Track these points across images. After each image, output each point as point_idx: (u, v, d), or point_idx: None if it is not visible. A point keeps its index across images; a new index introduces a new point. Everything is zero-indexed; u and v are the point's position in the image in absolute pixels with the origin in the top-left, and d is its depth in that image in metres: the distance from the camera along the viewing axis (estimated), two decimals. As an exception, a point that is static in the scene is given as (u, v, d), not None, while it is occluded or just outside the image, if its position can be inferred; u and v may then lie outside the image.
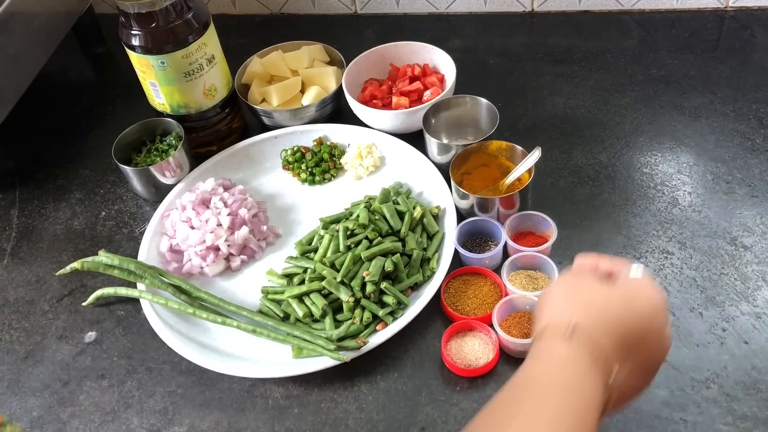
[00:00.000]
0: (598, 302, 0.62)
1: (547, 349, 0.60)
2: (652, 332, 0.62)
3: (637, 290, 0.64)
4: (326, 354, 0.86)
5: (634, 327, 0.61)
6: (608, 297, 0.63)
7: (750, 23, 1.28)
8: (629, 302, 0.62)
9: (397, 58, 1.22)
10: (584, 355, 0.58)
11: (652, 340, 0.62)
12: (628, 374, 0.61)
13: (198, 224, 1.03)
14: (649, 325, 0.62)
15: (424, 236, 0.99)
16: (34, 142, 1.29)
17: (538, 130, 1.15)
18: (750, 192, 1.01)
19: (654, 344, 0.63)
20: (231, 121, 1.18)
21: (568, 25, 1.34)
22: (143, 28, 1.03)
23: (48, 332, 0.99)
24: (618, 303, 0.62)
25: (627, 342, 0.60)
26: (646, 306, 0.63)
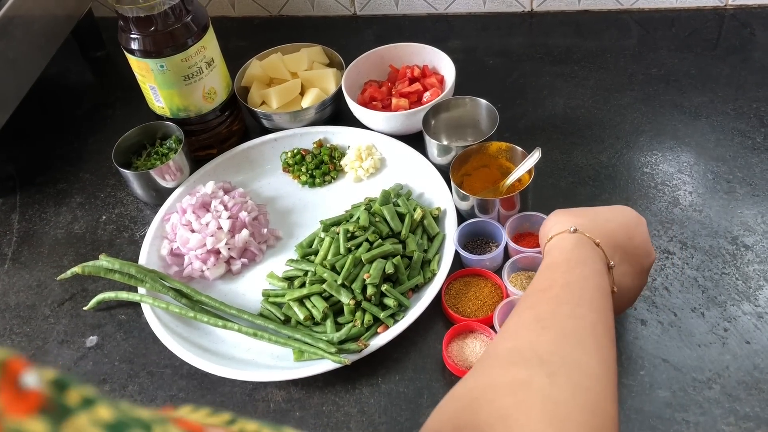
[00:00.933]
0: (588, 213, 0.77)
1: (558, 243, 0.73)
2: (637, 236, 0.76)
3: (618, 207, 0.80)
4: (327, 357, 0.86)
5: (621, 229, 0.75)
6: (595, 210, 0.79)
7: (750, 21, 1.27)
8: (613, 212, 0.78)
9: (396, 60, 1.22)
10: (587, 242, 0.72)
11: (638, 244, 0.76)
12: (623, 272, 0.74)
13: (198, 227, 1.03)
14: (634, 230, 0.76)
15: (424, 238, 0.99)
16: (34, 146, 1.30)
17: (538, 131, 1.15)
18: (751, 191, 1.01)
19: (641, 249, 0.76)
20: (231, 124, 1.18)
21: (567, 24, 1.34)
22: (142, 32, 1.03)
23: (49, 337, 0.99)
24: (605, 212, 0.78)
25: (617, 241, 0.74)
26: (628, 216, 0.78)
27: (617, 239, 0.74)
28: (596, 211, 0.78)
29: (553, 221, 0.77)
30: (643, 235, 0.77)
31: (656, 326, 0.88)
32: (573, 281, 0.67)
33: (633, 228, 0.76)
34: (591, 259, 0.70)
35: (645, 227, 0.78)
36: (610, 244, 0.73)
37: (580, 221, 0.74)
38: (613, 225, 0.75)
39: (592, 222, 0.74)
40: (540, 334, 0.61)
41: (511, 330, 0.65)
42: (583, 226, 0.73)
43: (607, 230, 0.74)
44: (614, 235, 0.74)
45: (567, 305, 0.64)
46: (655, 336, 0.87)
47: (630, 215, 0.78)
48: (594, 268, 0.70)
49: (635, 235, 0.76)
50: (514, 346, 0.61)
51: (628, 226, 0.76)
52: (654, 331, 0.87)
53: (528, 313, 0.65)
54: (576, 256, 0.70)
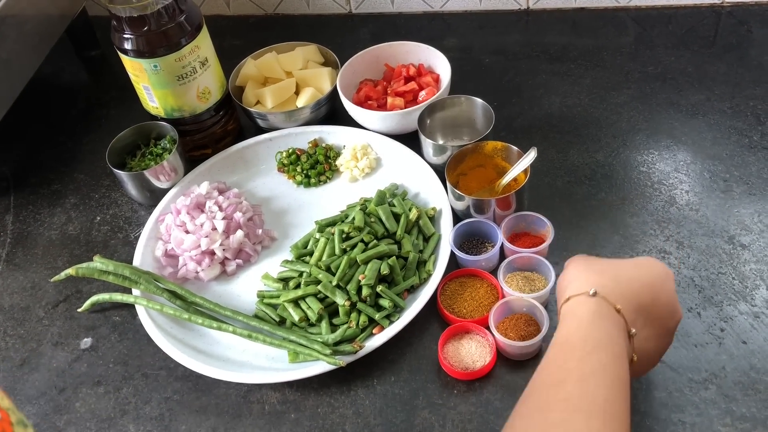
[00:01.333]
0: (610, 270, 0.70)
1: (575, 311, 0.66)
2: (662, 296, 0.70)
3: (645, 260, 0.73)
4: (322, 359, 0.86)
5: (645, 290, 0.69)
6: (619, 265, 0.71)
7: (747, 19, 1.27)
8: (638, 269, 0.71)
9: (392, 58, 1.21)
10: (608, 310, 0.65)
11: (663, 305, 0.70)
12: (646, 337, 0.69)
13: (193, 228, 1.02)
14: (660, 288, 0.70)
15: (420, 238, 0.98)
16: (28, 147, 1.29)
17: (534, 130, 1.14)
18: (747, 190, 1.00)
19: (666, 309, 0.70)
20: (225, 123, 1.18)
21: (563, 22, 1.34)
22: (135, 31, 1.02)
23: (43, 339, 0.99)
24: (628, 269, 0.71)
25: (640, 303, 0.68)
26: (654, 272, 0.71)
27: (641, 301, 0.68)
28: (620, 267, 0.71)
29: (572, 275, 0.70)
30: (669, 293, 0.71)
31: (652, 326, 0.87)
32: (588, 375, 0.61)
33: (659, 287, 0.70)
34: (609, 337, 0.64)
35: (672, 283, 0.71)
36: (633, 308, 0.67)
37: (602, 281, 0.68)
38: (637, 285, 0.69)
39: (614, 282, 0.68)
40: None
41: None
42: (604, 288, 0.67)
43: (630, 292, 0.68)
44: (638, 297, 0.68)
45: (580, 415, 0.58)
46: (651, 336, 0.86)
47: (657, 271, 0.71)
48: (613, 351, 0.63)
49: (661, 294, 0.70)
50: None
51: (653, 285, 0.70)
52: (650, 332, 0.87)
53: (536, 419, 0.60)
54: (594, 335, 0.64)
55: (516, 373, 0.86)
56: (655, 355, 0.73)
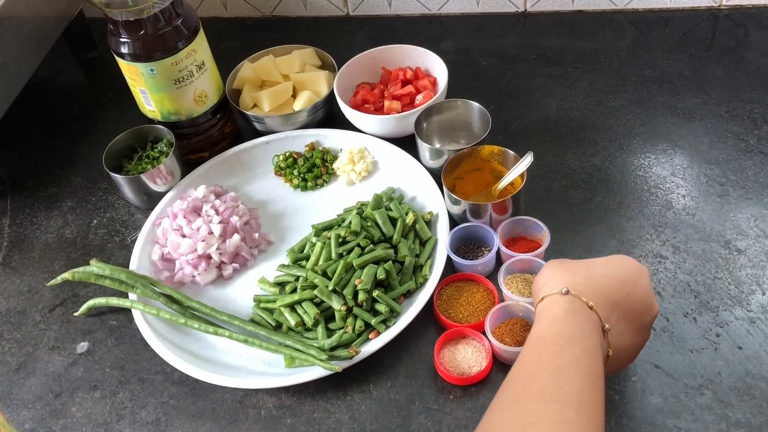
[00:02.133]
0: (582, 269, 0.72)
1: (548, 309, 0.68)
2: (636, 291, 0.71)
3: (617, 257, 0.74)
4: (318, 364, 0.86)
5: (618, 285, 0.70)
6: (591, 264, 0.73)
7: (744, 22, 1.27)
8: (611, 266, 0.73)
9: (389, 62, 1.21)
10: (580, 307, 0.67)
11: (638, 300, 0.71)
12: (622, 332, 0.70)
13: (189, 232, 1.02)
14: (633, 284, 0.71)
15: (416, 243, 0.98)
16: (25, 149, 1.29)
17: (531, 133, 1.14)
18: (744, 194, 1.01)
19: (641, 304, 0.71)
20: (222, 127, 1.18)
21: (561, 25, 1.34)
22: (132, 35, 1.02)
23: (40, 343, 0.99)
24: (600, 267, 0.72)
25: (614, 299, 0.69)
26: (627, 268, 0.72)
27: (614, 297, 0.70)
28: (592, 266, 0.73)
29: (547, 276, 0.72)
30: (643, 288, 0.72)
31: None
32: (562, 367, 0.63)
33: (632, 282, 0.71)
34: (583, 332, 0.65)
35: (646, 278, 0.73)
36: (606, 304, 0.69)
37: (574, 279, 0.70)
38: (609, 281, 0.71)
39: (586, 279, 0.70)
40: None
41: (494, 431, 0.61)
42: (576, 286, 0.69)
43: (603, 288, 0.69)
44: (611, 293, 0.70)
45: (554, 404, 0.60)
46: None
47: (629, 267, 0.73)
48: (586, 346, 0.64)
49: (635, 289, 0.71)
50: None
51: (625, 281, 0.71)
52: (646, 337, 0.87)
53: (512, 409, 0.62)
54: (567, 331, 0.65)
55: (512, 378, 0.86)
56: (632, 349, 0.73)
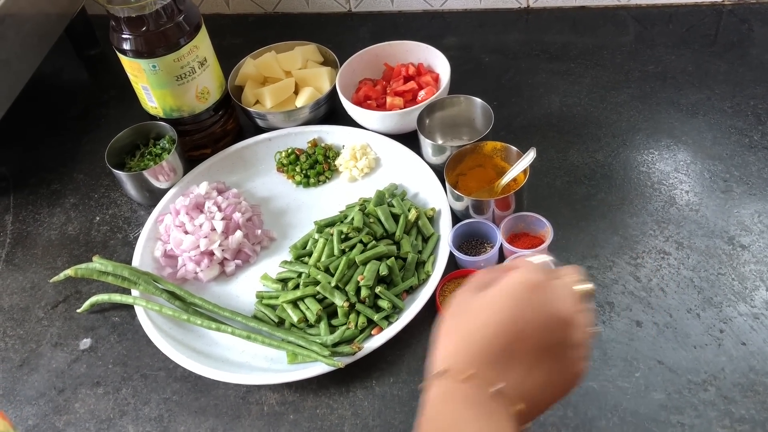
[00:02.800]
0: (462, 326, 0.58)
1: (429, 393, 0.56)
2: (530, 321, 0.56)
3: (506, 286, 0.57)
4: (321, 360, 0.86)
5: (505, 327, 0.56)
6: (474, 312, 0.58)
7: (748, 17, 1.26)
8: (490, 310, 0.57)
9: (391, 58, 1.21)
10: (454, 387, 0.55)
11: (535, 329, 0.56)
12: (530, 370, 0.56)
13: (192, 229, 1.02)
14: (522, 315, 0.56)
15: (419, 239, 0.98)
16: (27, 147, 1.29)
17: (533, 129, 1.14)
18: (747, 190, 1.00)
19: (540, 331, 0.56)
20: (224, 123, 1.18)
21: (563, 21, 1.33)
22: (134, 32, 1.02)
23: (43, 339, 0.99)
24: (482, 315, 0.57)
25: (502, 346, 0.55)
26: (511, 302, 0.56)
27: (502, 343, 0.55)
28: (472, 318, 0.57)
29: (438, 342, 0.59)
30: (538, 313, 0.56)
31: (651, 327, 0.87)
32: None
33: (519, 313, 0.56)
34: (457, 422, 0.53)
35: (541, 295, 0.56)
36: (492, 359, 0.55)
37: (453, 347, 0.57)
38: (492, 329, 0.56)
39: (464, 342, 0.56)
40: None
41: None
42: (457, 356, 0.56)
43: (483, 344, 0.56)
44: (497, 343, 0.55)
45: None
46: (650, 337, 0.86)
47: (514, 297, 0.56)
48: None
49: (524, 320, 0.56)
50: None
51: (511, 318, 0.56)
52: (649, 333, 0.87)
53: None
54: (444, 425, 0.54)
55: (515, 374, 0.85)
56: (560, 379, 0.58)
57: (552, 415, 0.81)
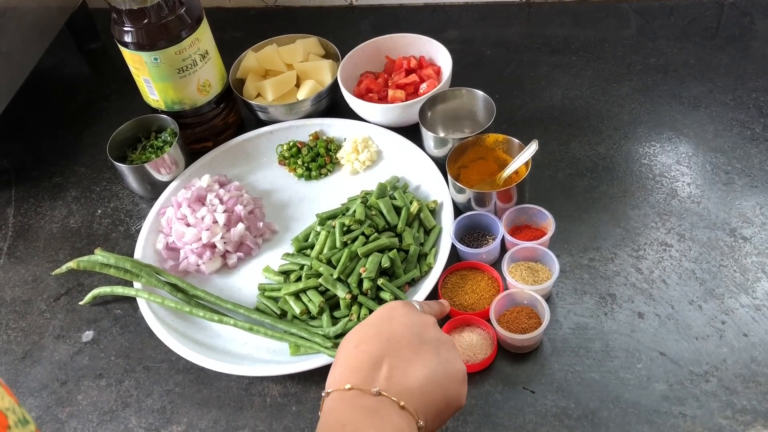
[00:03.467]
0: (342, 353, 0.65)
1: (321, 415, 0.61)
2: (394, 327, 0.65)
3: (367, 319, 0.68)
4: (323, 351, 0.86)
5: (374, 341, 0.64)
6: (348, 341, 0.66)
7: (750, 10, 1.26)
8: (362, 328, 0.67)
9: (392, 51, 1.21)
10: (340, 398, 0.61)
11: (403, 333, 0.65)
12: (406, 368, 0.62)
13: (194, 221, 1.02)
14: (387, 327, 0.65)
15: (421, 231, 0.98)
16: (29, 140, 1.29)
17: (535, 122, 1.14)
18: (749, 182, 1.00)
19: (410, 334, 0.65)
20: (226, 116, 1.18)
21: (565, 14, 1.33)
22: (135, 24, 1.02)
23: (45, 332, 0.99)
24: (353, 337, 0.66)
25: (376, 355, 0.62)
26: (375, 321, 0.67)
27: (374, 354, 0.62)
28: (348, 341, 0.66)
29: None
30: (398, 321, 0.66)
31: (653, 319, 0.87)
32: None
33: (385, 325, 0.65)
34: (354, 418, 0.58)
35: (399, 309, 0.68)
36: (368, 370, 0.61)
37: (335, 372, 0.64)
38: (364, 347, 0.64)
39: (343, 364, 0.64)
40: None
41: None
42: (338, 378, 0.62)
43: (359, 359, 0.62)
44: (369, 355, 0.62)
45: None
46: (652, 329, 0.86)
47: (378, 315, 0.67)
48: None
49: (389, 329, 0.65)
50: None
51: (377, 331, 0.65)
52: (651, 324, 0.87)
53: None
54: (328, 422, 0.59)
55: (517, 365, 0.86)
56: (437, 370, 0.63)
57: (554, 407, 0.81)
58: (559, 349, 0.86)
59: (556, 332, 0.88)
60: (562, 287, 0.92)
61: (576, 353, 0.86)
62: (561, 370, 0.85)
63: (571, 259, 0.95)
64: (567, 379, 0.84)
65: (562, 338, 0.87)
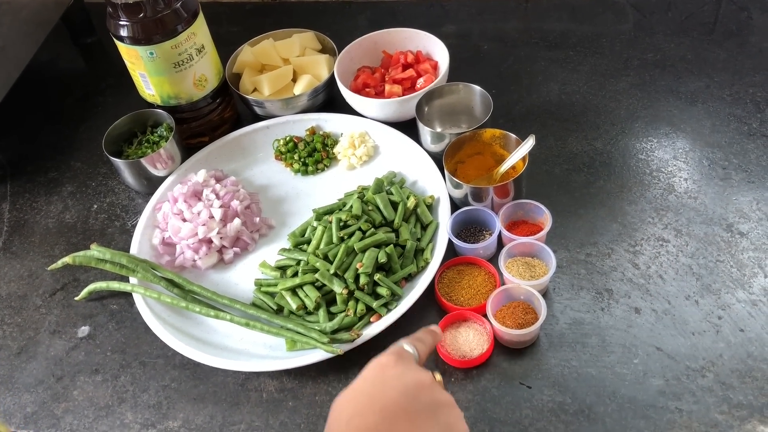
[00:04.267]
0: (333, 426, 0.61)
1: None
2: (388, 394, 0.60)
3: (357, 382, 0.63)
4: (320, 347, 0.86)
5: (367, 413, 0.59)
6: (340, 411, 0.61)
7: (747, 5, 1.26)
8: (354, 397, 0.62)
9: (389, 45, 1.21)
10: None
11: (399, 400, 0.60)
12: None
13: (190, 216, 1.02)
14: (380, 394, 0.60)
15: (417, 226, 0.98)
16: (24, 135, 1.28)
17: (532, 117, 1.14)
18: (746, 177, 1.00)
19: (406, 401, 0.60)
20: (222, 111, 1.17)
21: (562, 9, 1.33)
22: (131, 18, 1.01)
23: (41, 327, 0.99)
24: (346, 408, 0.61)
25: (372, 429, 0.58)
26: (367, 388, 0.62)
27: (370, 428, 0.58)
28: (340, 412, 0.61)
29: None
30: (392, 385, 0.61)
31: (650, 314, 0.87)
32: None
33: (378, 392, 0.61)
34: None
35: (391, 369, 0.62)
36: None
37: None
38: (357, 421, 0.59)
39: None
40: None
41: None
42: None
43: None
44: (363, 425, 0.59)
45: None
46: (648, 324, 0.86)
47: (369, 379, 0.63)
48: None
49: (384, 398, 0.60)
50: None
51: (369, 401, 0.60)
52: (648, 320, 0.87)
53: None
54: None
55: (513, 361, 0.86)
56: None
57: (550, 402, 0.81)
58: (555, 345, 0.86)
59: (553, 327, 0.88)
60: (559, 282, 0.92)
61: (572, 348, 0.86)
62: (558, 365, 0.85)
63: (567, 254, 0.95)
64: (563, 374, 0.84)
65: (559, 333, 0.87)
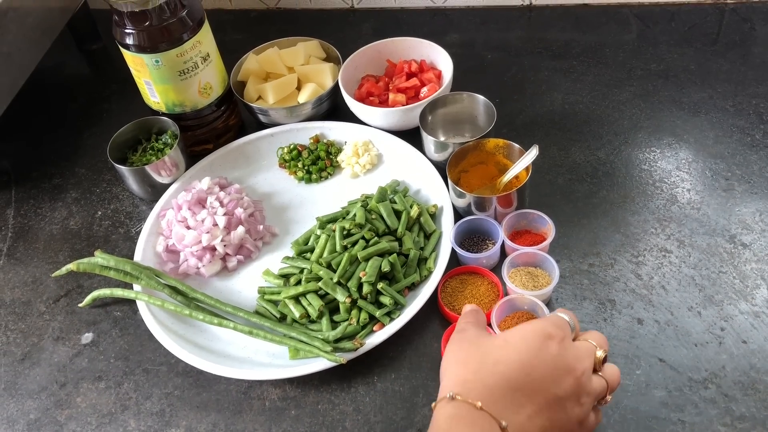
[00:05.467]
0: (474, 358, 0.65)
1: (436, 418, 0.63)
2: (538, 368, 0.63)
3: (519, 332, 0.66)
4: (323, 356, 0.86)
5: (514, 369, 0.63)
6: (486, 348, 0.66)
7: (750, 16, 1.27)
8: (506, 349, 0.65)
9: (393, 54, 1.21)
10: (467, 411, 0.61)
11: (541, 376, 0.63)
12: (530, 415, 0.61)
13: (194, 224, 1.02)
14: (533, 362, 0.63)
15: (421, 235, 0.98)
16: (29, 141, 1.29)
17: (536, 126, 1.14)
18: (749, 189, 1.00)
19: (546, 380, 0.63)
20: (227, 119, 1.18)
21: (566, 18, 1.33)
22: (137, 26, 1.02)
23: (44, 334, 0.99)
24: (497, 349, 0.65)
25: (511, 385, 0.62)
26: (525, 346, 0.64)
27: (511, 383, 0.62)
28: (487, 351, 0.65)
29: (445, 366, 0.67)
30: (547, 361, 0.63)
31: (653, 325, 0.87)
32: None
33: (532, 361, 0.63)
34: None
35: (554, 347, 0.64)
36: (501, 395, 0.61)
37: (464, 375, 0.64)
38: (503, 368, 0.63)
39: (475, 374, 0.63)
40: None
41: None
42: (466, 384, 0.63)
43: (495, 379, 0.62)
44: (506, 382, 0.62)
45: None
46: (651, 335, 0.87)
47: (528, 345, 0.64)
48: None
49: (535, 368, 0.63)
50: None
51: (523, 362, 0.63)
52: (650, 330, 0.87)
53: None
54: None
55: (516, 371, 0.86)
56: (552, 427, 0.63)
57: (553, 412, 0.81)
58: (558, 355, 0.86)
59: (556, 338, 0.88)
60: (562, 292, 0.92)
61: (575, 359, 0.86)
62: (560, 375, 0.85)
63: (570, 264, 0.95)
64: (566, 384, 0.84)
65: (562, 344, 0.87)
